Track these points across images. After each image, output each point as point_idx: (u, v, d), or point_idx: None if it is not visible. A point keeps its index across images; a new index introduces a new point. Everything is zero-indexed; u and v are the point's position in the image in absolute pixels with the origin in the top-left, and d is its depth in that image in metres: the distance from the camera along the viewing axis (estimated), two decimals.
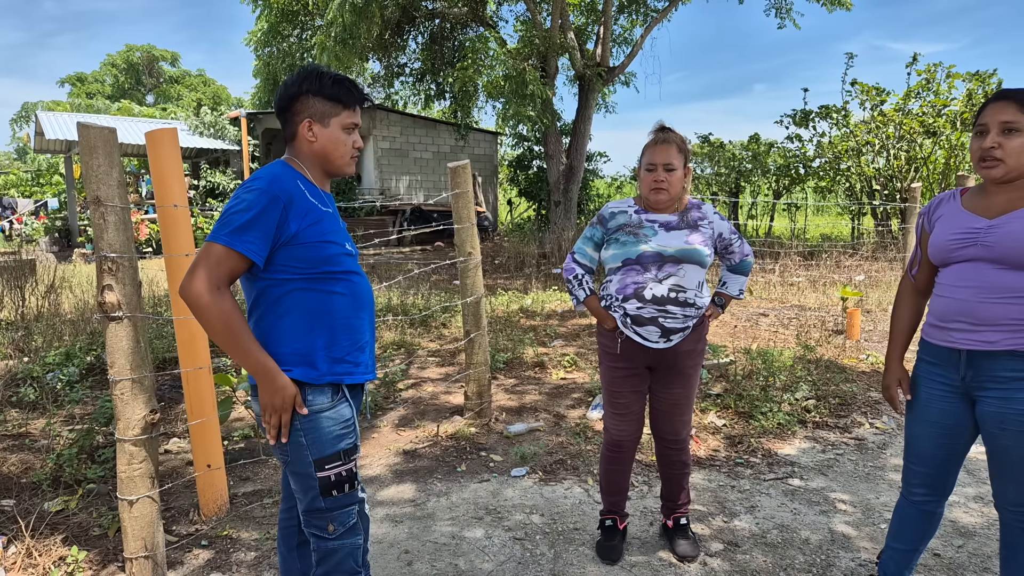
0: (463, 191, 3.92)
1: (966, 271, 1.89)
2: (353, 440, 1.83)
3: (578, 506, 3.05)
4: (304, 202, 1.73)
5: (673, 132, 2.42)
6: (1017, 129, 1.80)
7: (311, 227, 1.73)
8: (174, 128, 2.75)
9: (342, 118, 1.79)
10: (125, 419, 2.26)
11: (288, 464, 1.80)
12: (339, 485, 1.79)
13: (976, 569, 2.53)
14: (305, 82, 1.76)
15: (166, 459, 3.60)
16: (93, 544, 2.70)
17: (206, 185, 15.69)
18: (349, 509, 1.84)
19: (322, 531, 1.82)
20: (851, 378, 4.84)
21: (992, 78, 11.24)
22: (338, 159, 1.82)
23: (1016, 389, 1.84)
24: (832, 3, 12.34)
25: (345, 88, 1.78)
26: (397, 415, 4.28)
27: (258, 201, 1.66)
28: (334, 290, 1.78)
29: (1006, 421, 1.87)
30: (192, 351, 2.79)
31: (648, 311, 2.37)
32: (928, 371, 2.05)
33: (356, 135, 1.85)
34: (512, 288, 9.33)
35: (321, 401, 1.76)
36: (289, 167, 1.78)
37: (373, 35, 11.54)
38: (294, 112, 1.78)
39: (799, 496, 3.14)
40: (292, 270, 1.73)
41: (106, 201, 2.18)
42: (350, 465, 1.81)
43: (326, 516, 1.80)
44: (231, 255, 1.65)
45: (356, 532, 1.86)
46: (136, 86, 43.20)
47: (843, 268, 9.73)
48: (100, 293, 2.20)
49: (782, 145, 14.68)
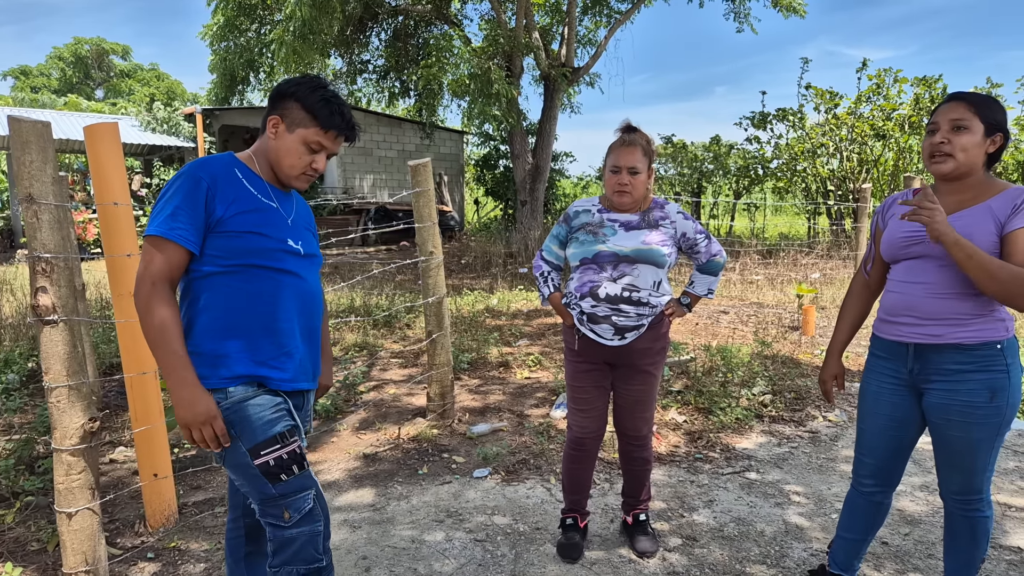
0: (424, 189, 3.87)
1: (914, 268, 1.95)
2: (290, 423, 1.73)
3: (540, 505, 3.04)
4: (235, 188, 1.67)
5: (639, 133, 2.42)
6: (966, 127, 1.86)
7: (240, 215, 1.66)
8: (115, 123, 2.65)
9: (309, 133, 1.71)
10: (62, 428, 2.15)
11: (224, 460, 1.71)
12: (284, 468, 1.70)
13: (921, 556, 2.60)
14: (298, 86, 1.72)
15: (111, 468, 3.48)
16: (31, 560, 2.58)
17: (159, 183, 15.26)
18: (304, 494, 1.74)
19: (278, 519, 1.72)
20: (806, 373, 4.93)
21: (938, 83, 11.61)
22: (286, 168, 1.75)
23: (960, 381, 1.90)
24: (787, 9, 12.63)
25: (329, 109, 1.71)
26: (358, 418, 4.21)
27: (183, 185, 1.61)
28: (261, 288, 1.70)
29: (951, 412, 1.92)
30: (136, 355, 2.68)
31: (602, 309, 2.38)
32: (878, 365, 2.10)
33: (320, 158, 1.75)
34: (478, 288, 9.29)
35: (244, 390, 1.68)
36: (232, 155, 1.73)
37: (334, 30, 11.37)
38: (273, 107, 1.75)
39: (755, 489, 3.18)
40: (215, 261, 1.65)
41: (39, 199, 2.08)
42: (291, 447, 1.71)
43: (279, 504, 1.71)
44: (164, 245, 1.59)
45: (314, 518, 1.76)
46: (85, 80, 41.71)
47: (800, 266, 9.94)
48: (34, 295, 2.10)
49: (742, 147, 14.96)
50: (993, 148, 1.89)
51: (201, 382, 1.63)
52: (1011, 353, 1.90)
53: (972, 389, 1.88)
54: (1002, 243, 1.82)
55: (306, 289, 1.80)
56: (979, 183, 1.91)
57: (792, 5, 12.65)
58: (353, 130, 1.76)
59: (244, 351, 1.68)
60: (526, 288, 9.13)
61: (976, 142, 1.86)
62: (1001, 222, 1.82)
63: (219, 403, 1.66)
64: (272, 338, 1.72)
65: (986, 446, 1.93)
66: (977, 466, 1.95)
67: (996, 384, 1.87)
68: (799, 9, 12.64)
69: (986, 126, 1.86)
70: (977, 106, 1.87)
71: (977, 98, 1.88)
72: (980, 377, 1.88)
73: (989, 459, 1.96)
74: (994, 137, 1.88)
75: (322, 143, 1.73)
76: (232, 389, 1.67)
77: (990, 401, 1.88)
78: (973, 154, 1.87)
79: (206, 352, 1.66)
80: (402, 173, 17.66)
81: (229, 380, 1.67)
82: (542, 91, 12.90)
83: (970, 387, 1.88)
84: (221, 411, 1.65)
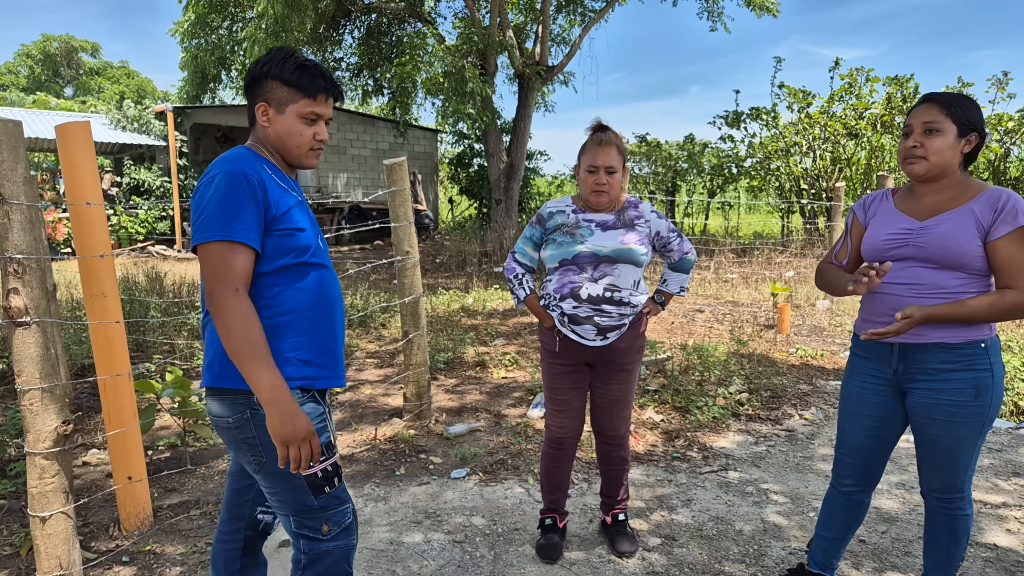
0: (400, 188, 3.85)
1: (899, 269, 1.97)
2: (329, 436, 1.70)
3: (519, 506, 3.04)
4: (275, 185, 1.62)
5: (612, 132, 2.43)
6: (938, 129, 1.89)
7: (288, 213, 1.61)
8: (87, 121, 2.59)
9: (300, 106, 1.65)
10: (35, 431, 2.11)
11: (263, 466, 1.63)
12: (329, 480, 1.66)
13: (899, 554, 2.65)
14: (268, 64, 1.66)
15: (84, 471, 3.40)
16: (3, 565, 2.52)
17: (130, 182, 14.95)
18: (345, 507, 1.71)
19: (316, 532, 1.67)
20: (781, 371, 5.01)
21: (910, 82, 11.87)
22: (293, 149, 1.68)
23: (945, 380, 1.92)
24: (760, 9, 12.80)
25: (308, 75, 1.65)
26: (334, 419, 4.17)
27: (234, 186, 1.53)
28: (305, 285, 1.65)
29: (935, 411, 1.94)
30: (110, 357, 2.63)
31: (584, 310, 2.39)
32: (862, 365, 2.11)
33: (320, 126, 1.69)
34: (453, 287, 9.27)
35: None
36: (252, 151, 1.66)
37: (306, 28, 11.24)
38: (254, 95, 1.68)
39: (733, 488, 3.23)
40: (268, 261, 1.59)
41: (11, 199, 2.03)
42: (334, 458, 1.68)
43: (320, 516, 1.66)
44: (235, 249, 1.51)
45: (351, 532, 1.73)
46: (54, 78, 40.70)
47: (774, 265, 10.09)
48: (5, 297, 2.05)
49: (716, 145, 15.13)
50: (969, 148, 1.91)
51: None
52: (994, 352, 1.93)
53: (957, 388, 1.91)
54: (987, 250, 1.86)
55: (336, 281, 1.76)
56: (957, 183, 1.94)
57: (765, 4, 12.81)
58: (338, 87, 1.72)
59: (293, 351, 1.63)
60: (501, 287, 9.13)
61: (949, 143, 1.89)
62: (985, 227, 1.85)
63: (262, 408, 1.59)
64: (318, 336, 1.68)
65: (969, 445, 1.95)
66: (959, 465, 1.98)
67: (981, 383, 1.90)
68: (772, 8, 12.81)
69: (959, 127, 1.88)
70: (949, 107, 1.89)
71: (949, 99, 1.90)
72: (965, 376, 1.90)
73: (971, 458, 1.99)
74: (968, 137, 1.90)
75: (315, 111, 1.68)
76: None
77: (974, 400, 1.90)
78: (947, 156, 1.90)
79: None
80: (376, 172, 17.53)
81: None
82: (516, 90, 12.91)
83: (955, 386, 1.91)
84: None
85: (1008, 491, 3.18)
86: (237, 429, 1.62)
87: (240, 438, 1.63)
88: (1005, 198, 1.85)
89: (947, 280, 1.89)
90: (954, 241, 1.86)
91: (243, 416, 1.60)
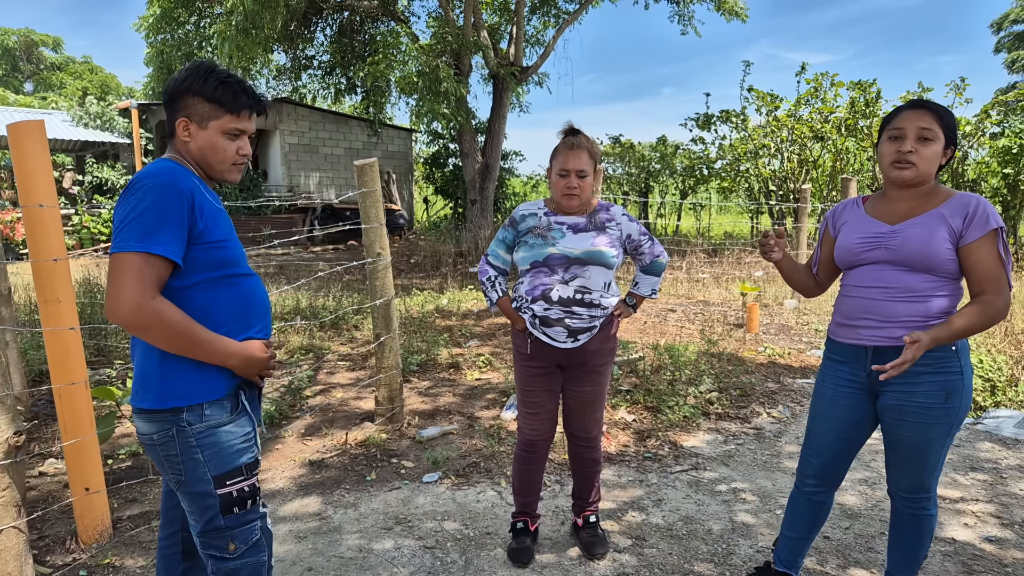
0: (371, 190, 3.80)
1: (872, 272, 1.99)
2: (255, 454, 1.73)
3: (491, 509, 3.02)
4: (203, 199, 1.62)
5: (583, 136, 2.44)
6: (932, 137, 1.92)
7: (215, 226, 1.62)
8: (41, 120, 2.51)
9: (223, 122, 1.66)
10: None
11: (182, 484, 1.65)
12: (242, 501, 1.68)
13: (862, 549, 2.69)
14: (188, 80, 1.64)
15: (41, 482, 3.30)
16: None
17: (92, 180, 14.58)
18: (252, 525, 1.72)
19: (222, 551, 1.69)
20: (750, 370, 5.07)
21: (872, 87, 12.10)
22: (216, 164, 1.69)
23: (916, 383, 1.95)
24: (730, 13, 12.96)
25: (231, 91, 1.65)
26: (303, 424, 4.11)
27: (162, 197, 1.52)
28: (234, 296, 1.67)
29: (906, 412, 1.97)
30: (65, 365, 2.55)
31: (555, 312, 2.38)
32: (835, 369, 2.13)
33: (243, 141, 1.71)
34: (428, 288, 9.21)
35: (219, 415, 1.64)
36: (178, 164, 1.64)
37: (277, 25, 11.07)
38: (174, 110, 1.67)
39: (703, 487, 3.25)
40: (192, 274, 1.60)
41: None
42: (252, 480, 1.71)
43: (226, 535, 1.68)
44: (150, 260, 1.50)
45: (260, 549, 1.74)
46: (12, 73, 39.56)
47: (744, 264, 10.22)
48: None
49: (687, 147, 15.26)
50: (945, 159, 1.96)
51: (179, 400, 1.60)
52: (964, 355, 1.96)
53: (928, 390, 1.93)
54: (960, 255, 1.89)
55: (261, 287, 1.78)
56: (929, 190, 1.98)
57: (734, 9, 13.00)
58: (261, 103, 1.71)
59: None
60: (476, 288, 9.10)
61: (939, 152, 1.93)
62: (956, 232, 1.88)
63: (191, 425, 1.61)
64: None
65: (938, 446, 1.98)
66: (928, 465, 2.01)
67: (951, 385, 1.93)
68: (741, 13, 13.00)
69: (947, 138, 1.93)
70: (942, 117, 1.92)
71: (942, 109, 1.94)
72: (936, 379, 1.93)
73: (939, 458, 2.02)
74: (948, 149, 1.95)
75: (238, 127, 1.68)
76: (208, 412, 1.62)
77: (945, 402, 1.93)
78: (933, 164, 1.94)
79: (184, 366, 1.60)
80: (349, 171, 17.35)
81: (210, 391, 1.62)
82: (491, 90, 12.88)
83: (926, 388, 1.93)
84: (193, 434, 1.61)
85: (966, 486, 3.25)
86: (161, 446, 1.64)
87: (163, 455, 1.64)
88: (975, 204, 1.88)
89: (918, 282, 1.92)
90: (925, 244, 1.89)
91: (168, 433, 1.62)
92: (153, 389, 1.60)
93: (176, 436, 1.61)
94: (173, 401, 1.60)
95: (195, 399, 1.61)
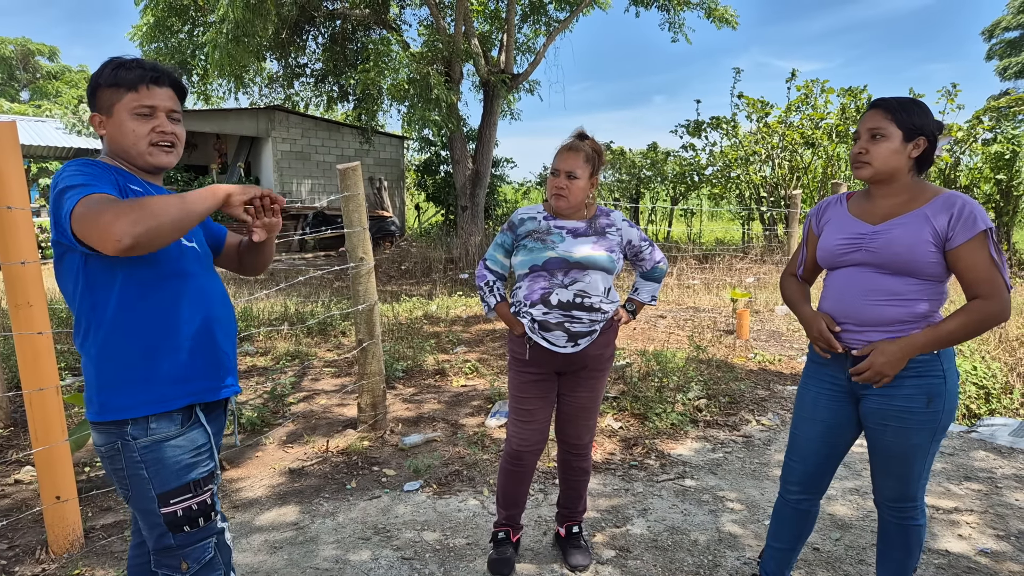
0: (353, 193, 3.76)
1: (852, 275, 1.95)
2: (209, 468, 1.65)
3: (472, 519, 2.96)
4: (135, 182, 1.57)
5: (588, 141, 2.41)
6: (882, 134, 1.89)
7: None
8: (12, 122, 2.46)
9: (125, 103, 1.55)
10: None
11: (130, 499, 1.60)
12: (190, 520, 1.61)
13: (852, 561, 2.64)
14: (95, 76, 1.58)
15: (16, 490, 3.22)
16: None
17: None
18: (205, 543, 1.66)
19: (175, 570, 1.63)
20: (740, 377, 5.02)
21: (863, 93, 12.15)
22: (131, 148, 1.57)
23: (897, 387, 1.90)
24: (720, 21, 13.01)
25: (125, 68, 1.56)
26: (285, 431, 4.04)
27: (83, 169, 1.47)
28: (174, 296, 1.59)
29: (887, 418, 1.93)
30: (36, 369, 2.49)
31: (554, 316, 2.34)
32: (817, 371, 2.09)
33: (159, 119, 1.58)
34: (417, 294, 9.16)
35: (167, 428, 1.57)
36: (100, 160, 1.58)
37: (268, 33, 11.05)
38: (91, 110, 1.63)
39: (690, 496, 3.19)
40: (121, 276, 1.52)
41: None
42: (203, 497, 1.63)
43: (177, 554, 1.62)
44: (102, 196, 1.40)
45: (214, 568, 1.68)
46: (9, 82, 39.46)
47: (735, 271, 10.20)
48: None
49: (678, 154, 15.28)
50: (917, 152, 1.90)
51: (119, 413, 1.53)
52: (947, 359, 1.91)
53: (909, 395, 1.89)
54: (948, 259, 1.84)
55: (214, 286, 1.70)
56: (909, 187, 1.93)
57: (725, 16, 13.03)
58: (159, 70, 1.59)
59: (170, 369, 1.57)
60: (466, 294, 9.05)
61: (894, 148, 1.88)
62: (941, 234, 1.83)
63: (136, 439, 1.54)
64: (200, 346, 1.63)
65: (922, 452, 1.94)
66: (913, 473, 1.97)
67: (933, 390, 1.89)
68: (731, 21, 13.04)
69: (904, 131, 1.87)
70: (894, 112, 1.88)
71: (895, 104, 1.89)
72: (918, 383, 1.89)
73: (924, 466, 1.97)
74: (916, 141, 1.88)
75: (143, 103, 1.56)
76: (154, 425, 1.56)
77: (927, 406, 1.89)
78: (893, 160, 1.89)
79: (128, 380, 1.54)
80: None
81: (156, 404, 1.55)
82: (482, 97, 12.87)
83: (907, 392, 1.89)
84: (137, 449, 1.54)
85: (960, 496, 3.20)
86: (109, 459, 1.59)
87: (111, 468, 1.60)
88: (961, 204, 1.82)
89: (901, 286, 1.88)
90: (906, 246, 1.85)
91: (114, 447, 1.57)
92: (93, 401, 1.56)
93: (121, 449, 1.56)
94: (112, 414, 1.54)
95: (138, 411, 1.54)
